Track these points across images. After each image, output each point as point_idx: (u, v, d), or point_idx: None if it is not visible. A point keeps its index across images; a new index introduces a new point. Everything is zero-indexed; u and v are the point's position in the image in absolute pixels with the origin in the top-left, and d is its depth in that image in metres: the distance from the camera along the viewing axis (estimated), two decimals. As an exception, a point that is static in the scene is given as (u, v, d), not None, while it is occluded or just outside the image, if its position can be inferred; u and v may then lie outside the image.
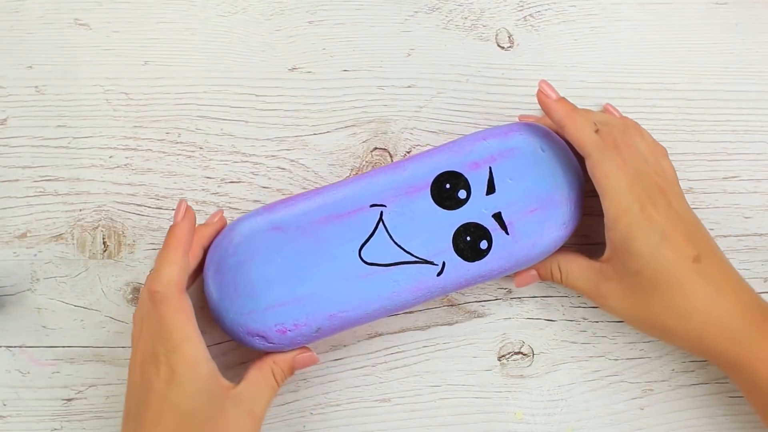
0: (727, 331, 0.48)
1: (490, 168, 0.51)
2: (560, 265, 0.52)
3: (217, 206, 0.56)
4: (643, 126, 0.54)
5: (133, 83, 0.56)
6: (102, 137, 0.56)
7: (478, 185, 0.50)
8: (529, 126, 0.52)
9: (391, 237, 0.50)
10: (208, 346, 0.54)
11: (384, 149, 0.56)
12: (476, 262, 0.50)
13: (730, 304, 0.48)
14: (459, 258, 0.50)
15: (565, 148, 0.52)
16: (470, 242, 0.50)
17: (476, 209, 0.50)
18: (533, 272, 0.53)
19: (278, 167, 0.56)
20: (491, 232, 0.50)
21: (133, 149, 0.56)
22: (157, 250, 0.55)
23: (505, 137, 0.51)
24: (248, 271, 0.49)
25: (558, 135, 0.52)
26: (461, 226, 0.50)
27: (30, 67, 0.56)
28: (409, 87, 0.57)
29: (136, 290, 0.55)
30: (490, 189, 0.50)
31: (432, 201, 0.50)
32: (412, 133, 0.57)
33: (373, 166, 0.56)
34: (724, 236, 0.56)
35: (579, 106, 0.57)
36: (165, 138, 0.56)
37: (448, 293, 0.51)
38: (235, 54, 0.57)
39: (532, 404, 0.55)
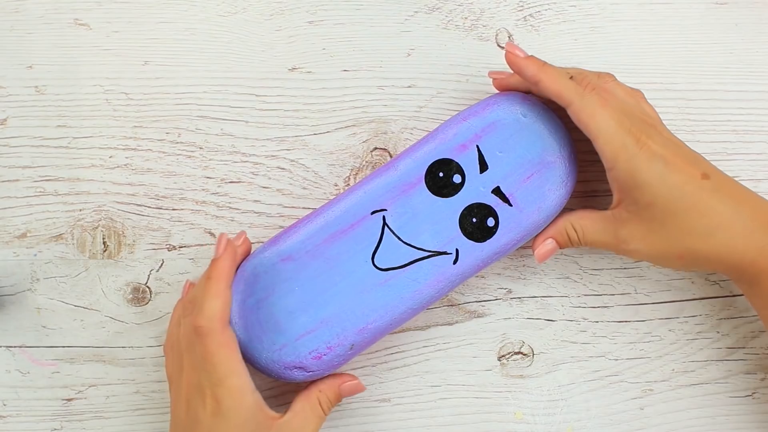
0: (753, 242, 0.47)
1: (478, 146, 0.51)
2: (574, 226, 0.51)
3: (217, 206, 0.56)
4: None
5: (133, 83, 0.56)
6: (102, 137, 0.56)
7: (470, 166, 0.51)
8: (504, 96, 0.52)
9: (399, 238, 0.50)
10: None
11: (384, 149, 0.56)
12: (488, 241, 0.50)
13: (750, 214, 0.48)
14: (470, 241, 0.50)
15: (545, 108, 0.52)
16: (477, 223, 0.50)
17: (474, 190, 0.51)
18: (551, 243, 0.52)
19: (278, 167, 0.56)
20: (495, 208, 0.50)
21: (133, 149, 0.56)
22: (157, 250, 0.55)
23: (484, 112, 0.51)
24: (270, 307, 0.49)
25: (534, 96, 0.52)
26: (464, 209, 0.50)
27: (30, 67, 0.56)
28: (409, 87, 0.57)
29: (136, 290, 0.55)
30: (483, 167, 0.51)
31: (430, 193, 0.51)
32: (412, 133, 0.57)
33: (373, 167, 0.56)
34: (724, 236, 0.56)
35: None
36: (165, 138, 0.56)
37: (468, 278, 0.51)
38: (235, 54, 0.57)
39: (532, 404, 0.55)
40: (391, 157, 0.56)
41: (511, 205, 0.50)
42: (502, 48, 0.57)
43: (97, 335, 0.55)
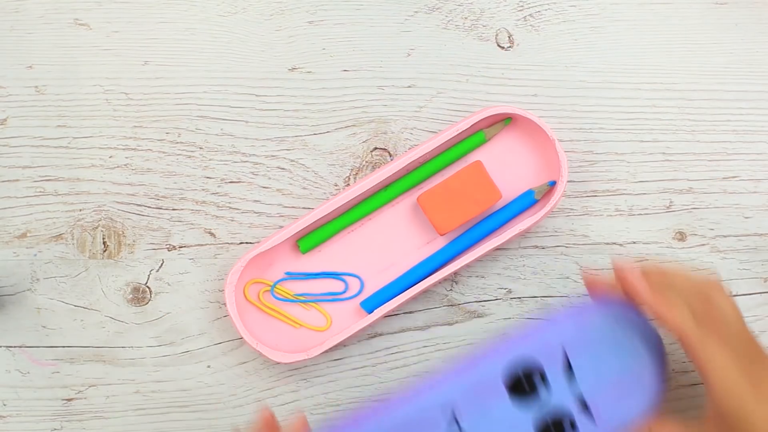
0: None
1: (565, 351, 0.48)
2: None
3: (217, 206, 0.56)
4: (643, 126, 0.54)
5: (133, 83, 0.56)
6: (102, 137, 0.56)
7: (555, 372, 0.48)
8: (603, 304, 0.50)
9: None
10: (207, 346, 0.55)
11: (384, 149, 0.56)
12: None
13: None
14: None
15: (644, 321, 0.49)
16: None
17: (556, 397, 0.48)
18: None
19: (278, 167, 0.56)
20: (575, 420, 0.48)
21: (133, 149, 0.56)
22: (157, 250, 0.55)
23: (576, 317, 0.49)
24: None
25: (632, 307, 0.49)
26: (544, 422, 0.48)
27: (30, 67, 0.56)
28: (409, 87, 0.57)
29: (136, 290, 0.55)
30: (569, 374, 0.48)
31: (508, 396, 0.48)
32: (412, 133, 0.57)
33: (373, 167, 0.56)
34: (724, 236, 0.56)
35: (580, 107, 0.57)
36: (165, 138, 0.56)
37: None
38: (235, 54, 0.57)
39: (532, 404, 0.55)
40: (390, 156, 0.56)
41: (593, 417, 0.48)
42: (503, 48, 0.57)
43: (97, 335, 0.55)
